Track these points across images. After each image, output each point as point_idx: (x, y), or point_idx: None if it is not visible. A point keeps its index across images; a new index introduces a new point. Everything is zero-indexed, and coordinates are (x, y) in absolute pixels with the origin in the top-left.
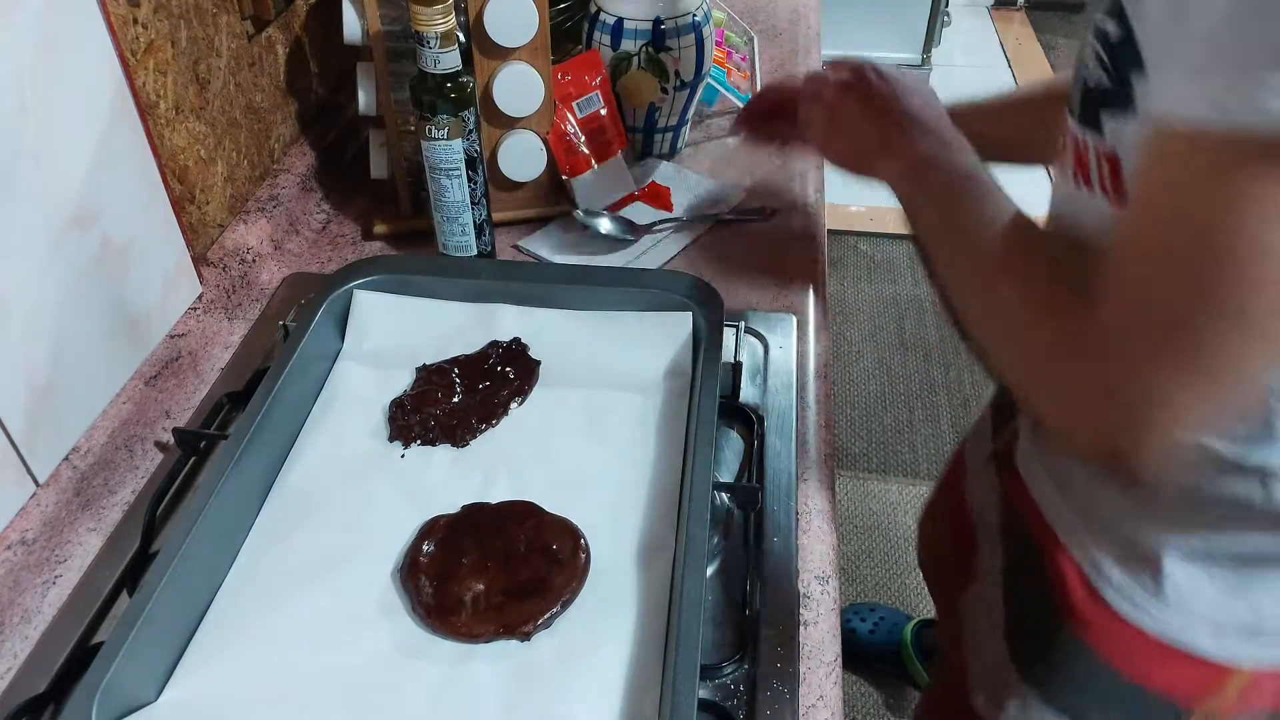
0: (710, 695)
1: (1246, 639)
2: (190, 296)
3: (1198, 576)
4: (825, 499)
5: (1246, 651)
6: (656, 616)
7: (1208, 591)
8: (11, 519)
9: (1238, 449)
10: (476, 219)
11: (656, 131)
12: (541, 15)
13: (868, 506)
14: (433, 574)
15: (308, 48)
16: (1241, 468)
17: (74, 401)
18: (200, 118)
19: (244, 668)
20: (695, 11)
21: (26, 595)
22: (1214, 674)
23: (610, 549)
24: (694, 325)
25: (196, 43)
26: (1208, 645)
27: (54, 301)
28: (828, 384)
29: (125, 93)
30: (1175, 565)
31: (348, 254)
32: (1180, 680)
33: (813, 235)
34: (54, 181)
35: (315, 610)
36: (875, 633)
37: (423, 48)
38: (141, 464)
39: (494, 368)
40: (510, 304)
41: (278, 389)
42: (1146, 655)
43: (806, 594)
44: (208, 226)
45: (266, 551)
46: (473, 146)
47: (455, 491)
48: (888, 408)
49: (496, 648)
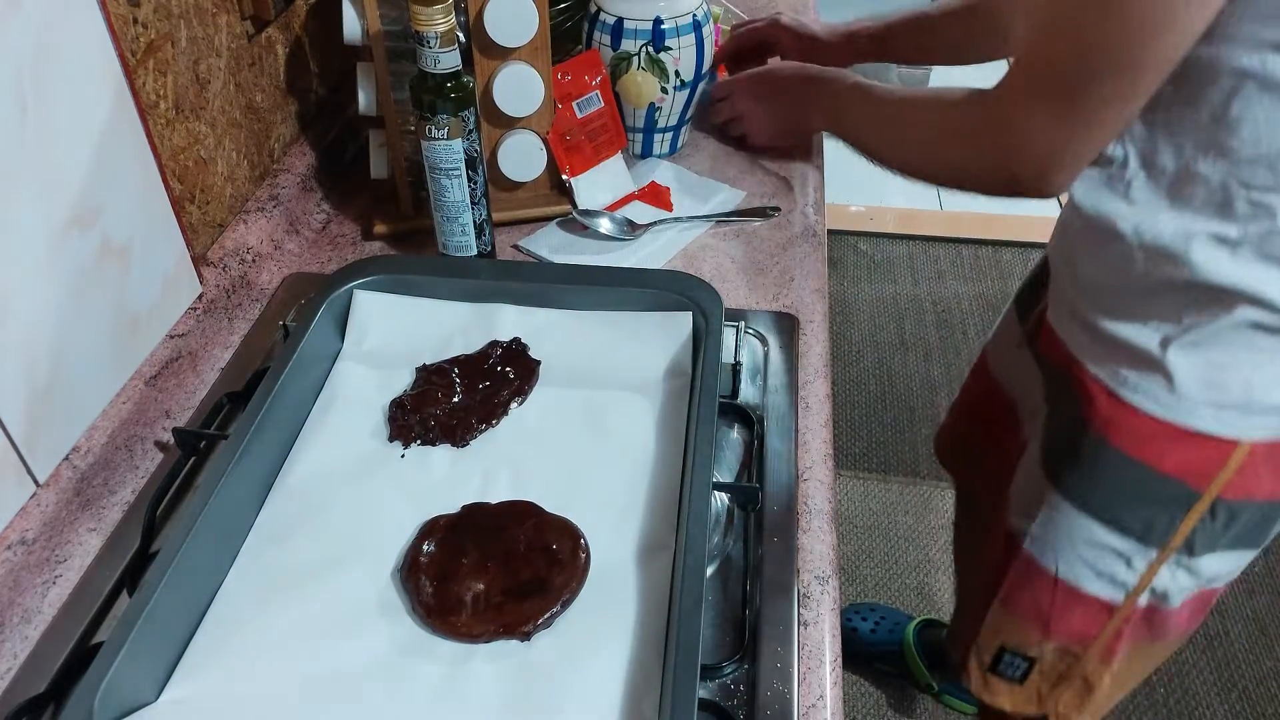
0: (710, 695)
1: (1242, 415)
2: (190, 296)
3: (1196, 365)
4: (825, 499)
5: (1243, 426)
6: (656, 616)
7: (1205, 376)
8: (11, 519)
9: (1204, 225)
10: (476, 219)
11: (656, 131)
12: (541, 15)
13: (868, 506)
14: (433, 574)
15: (308, 48)
16: (1212, 239)
17: (74, 401)
18: (200, 118)
19: (244, 668)
20: (695, 11)
21: (26, 595)
22: (1216, 451)
23: (610, 549)
24: (694, 325)
25: (196, 43)
26: (1210, 423)
27: (54, 301)
28: (828, 384)
29: (125, 93)
30: (1176, 358)
31: (348, 254)
32: (1189, 460)
33: (813, 235)
34: (54, 181)
35: (315, 610)
36: (875, 633)
37: (423, 48)
38: (141, 464)
39: (494, 368)
40: (510, 304)
41: (278, 389)
42: (1161, 439)
43: (806, 594)
44: (208, 226)
45: (266, 551)
46: (473, 146)
47: (455, 491)
48: (888, 408)
49: (496, 648)
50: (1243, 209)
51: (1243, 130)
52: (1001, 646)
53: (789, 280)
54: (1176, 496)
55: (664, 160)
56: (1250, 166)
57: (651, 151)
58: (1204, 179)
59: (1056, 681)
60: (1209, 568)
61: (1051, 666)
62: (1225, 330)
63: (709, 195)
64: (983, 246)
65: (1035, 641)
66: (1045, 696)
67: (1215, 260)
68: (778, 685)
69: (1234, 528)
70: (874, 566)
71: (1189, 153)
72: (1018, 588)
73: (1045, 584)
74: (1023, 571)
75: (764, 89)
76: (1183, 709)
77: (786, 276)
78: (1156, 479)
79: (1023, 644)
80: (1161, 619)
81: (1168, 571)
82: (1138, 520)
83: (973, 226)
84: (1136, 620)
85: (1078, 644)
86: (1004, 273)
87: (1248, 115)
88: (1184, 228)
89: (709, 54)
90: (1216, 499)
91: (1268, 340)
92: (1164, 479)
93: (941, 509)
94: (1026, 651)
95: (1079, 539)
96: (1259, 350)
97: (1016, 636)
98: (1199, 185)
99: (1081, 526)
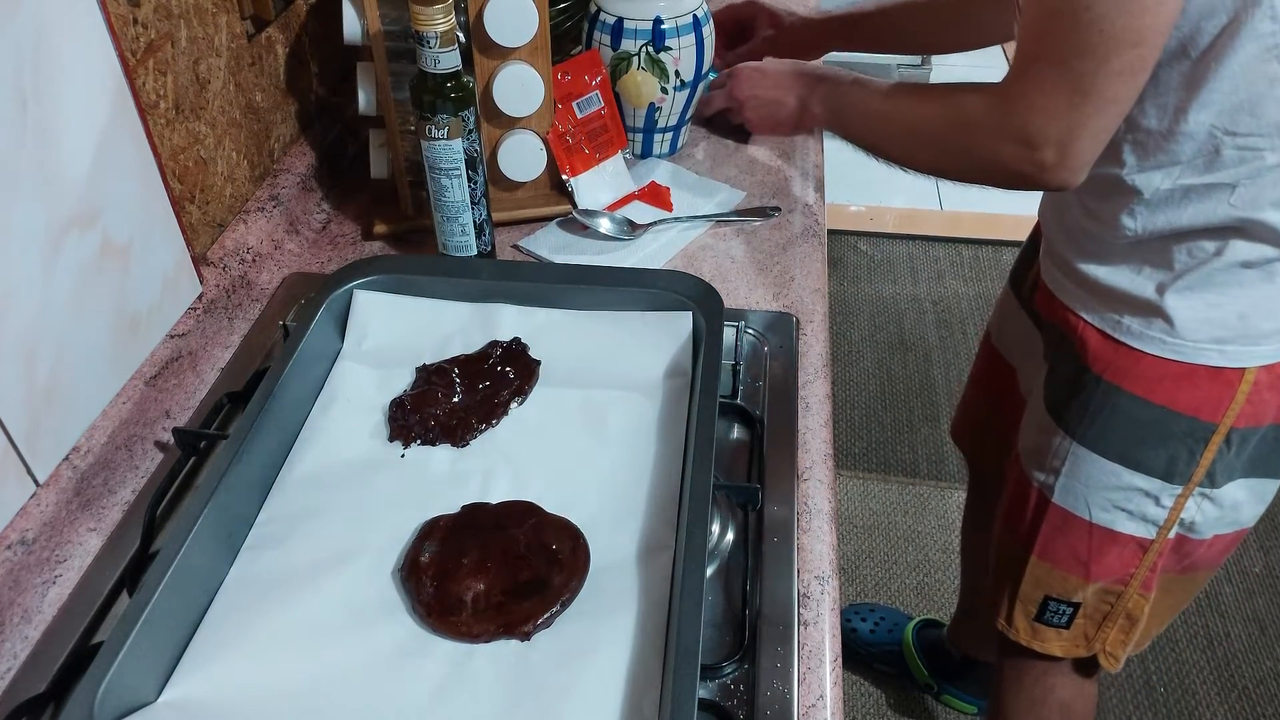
0: (710, 695)
1: (1242, 345)
2: (190, 296)
3: (1194, 306)
4: (825, 499)
5: (1245, 355)
6: (656, 616)
7: (1203, 315)
8: (11, 519)
9: (1196, 177)
10: (476, 219)
11: (656, 131)
12: (541, 15)
13: (868, 506)
14: (433, 574)
15: (308, 48)
16: (1203, 188)
17: (74, 401)
18: (200, 118)
19: (244, 668)
20: (695, 11)
21: (26, 595)
22: (1224, 383)
23: (610, 549)
24: (694, 325)
25: (196, 43)
26: (1215, 358)
27: (54, 301)
28: (828, 384)
29: (125, 93)
30: (1175, 302)
31: (348, 254)
32: (1200, 395)
33: (813, 235)
34: (54, 181)
35: (315, 610)
36: (875, 633)
37: (423, 48)
38: (141, 464)
39: (494, 368)
40: (510, 304)
41: (278, 389)
42: (1170, 379)
43: (806, 594)
44: (208, 226)
45: (266, 551)
46: (473, 146)
47: (455, 491)
48: (888, 408)
49: (496, 647)
50: (1230, 155)
51: (1223, 81)
52: (1046, 596)
53: (789, 280)
54: (1193, 431)
55: (664, 160)
56: (1232, 114)
57: (651, 151)
58: (1190, 134)
59: (1101, 621)
60: (1230, 496)
61: (1095, 608)
62: (1217, 271)
63: (709, 195)
64: (983, 246)
65: (1077, 587)
66: (1092, 637)
67: (1209, 208)
68: (778, 685)
69: (1248, 453)
70: (874, 566)
71: (1172, 109)
72: (1053, 540)
73: (1080, 531)
74: (1056, 524)
75: (763, 80)
76: (1183, 709)
77: (786, 276)
78: (1171, 417)
79: (1066, 591)
80: (1191, 549)
81: (1194, 504)
82: (1159, 459)
83: (973, 226)
84: (1168, 551)
85: (1118, 582)
86: (1004, 273)
87: (1226, 66)
88: (1174, 181)
89: (709, 54)
90: (1231, 429)
91: (1256, 273)
92: (1178, 416)
93: (941, 509)
94: (1070, 598)
95: (1107, 484)
96: (1248, 285)
97: (1059, 585)
98: (1186, 140)
99: (1107, 472)
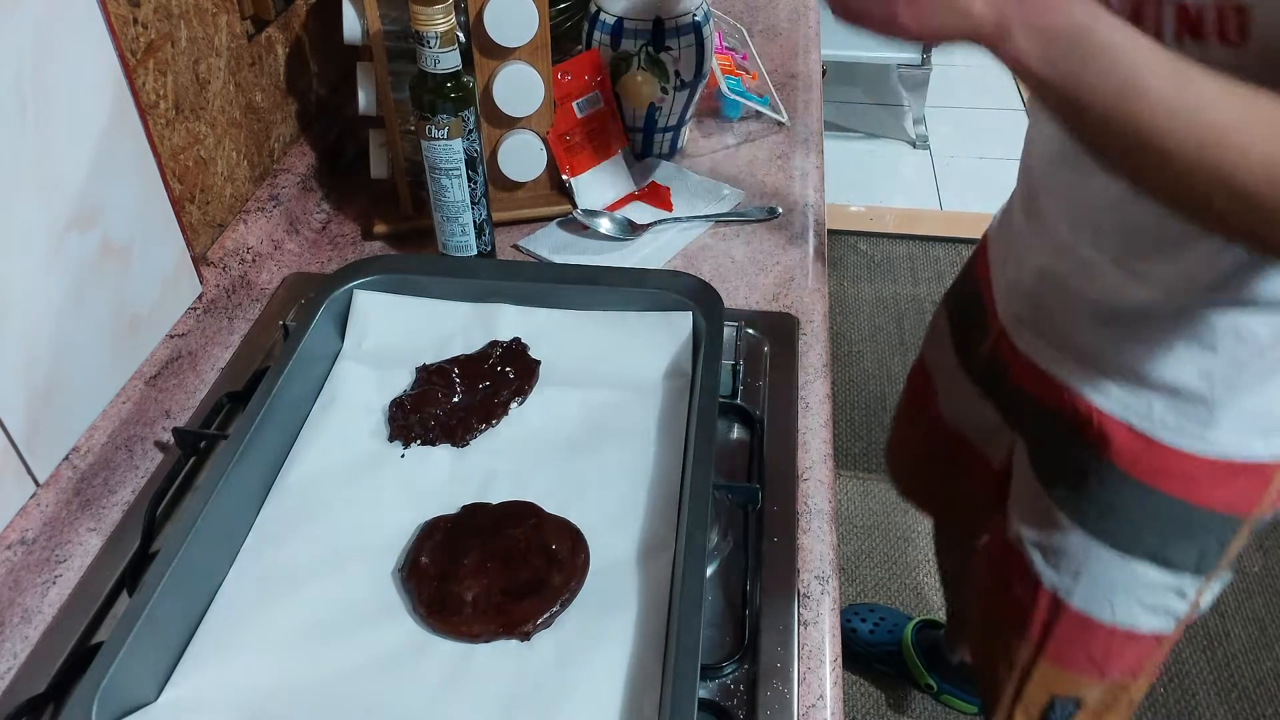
0: (710, 695)
1: None
2: (190, 296)
3: (1241, 399)
4: (825, 499)
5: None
6: (656, 616)
7: (1253, 405)
8: (11, 519)
9: None
10: (476, 219)
11: (656, 131)
12: (541, 15)
13: (868, 506)
14: (433, 574)
15: (308, 48)
16: None
17: (74, 401)
18: (200, 118)
19: (244, 668)
20: (695, 11)
21: (26, 595)
22: (1259, 475)
23: (610, 549)
24: (694, 325)
25: (196, 43)
26: (1260, 449)
27: (54, 301)
28: (828, 384)
29: (125, 93)
30: (1223, 394)
31: (348, 254)
32: (1236, 490)
33: (813, 235)
34: (54, 181)
35: (315, 610)
36: (875, 633)
37: (423, 48)
38: (141, 464)
39: (494, 368)
40: (510, 304)
41: (278, 389)
42: (1207, 476)
43: (806, 594)
44: (208, 226)
45: (266, 551)
46: (473, 146)
47: (455, 491)
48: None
49: (496, 648)
50: None
51: None
52: (1053, 696)
53: (789, 280)
54: (1225, 524)
55: (664, 160)
56: None
57: (651, 151)
58: None
59: (1103, 712)
60: None
61: (1099, 701)
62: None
63: (709, 195)
64: None
65: (1088, 686)
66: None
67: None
68: (778, 685)
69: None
70: (874, 566)
71: None
72: (1069, 644)
73: (1100, 635)
74: (1074, 627)
75: None
76: (1183, 709)
77: (786, 276)
78: (1203, 514)
79: (1074, 689)
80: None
81: (1212, 587)
82: (1191, 554)
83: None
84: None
85: (1129, 675)
86: None
87: None
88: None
89: (709, 54)
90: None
91: None
92: (1211, 514)
93: None
94: (1077, 694)
95: (1133, 583)
96: None
97: (1068, 685)
98: None
99: (1133, 571)
